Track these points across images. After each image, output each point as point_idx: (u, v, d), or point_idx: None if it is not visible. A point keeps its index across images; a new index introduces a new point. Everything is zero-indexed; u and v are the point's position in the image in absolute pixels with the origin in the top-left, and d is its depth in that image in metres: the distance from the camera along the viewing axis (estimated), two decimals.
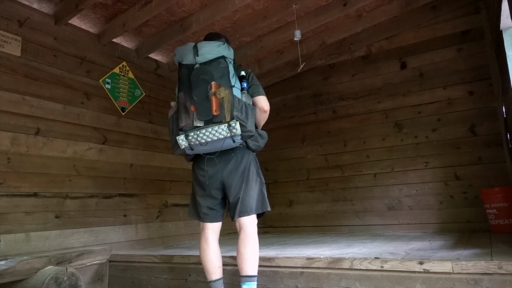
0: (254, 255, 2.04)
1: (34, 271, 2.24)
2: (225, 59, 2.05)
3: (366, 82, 4.42)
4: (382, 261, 2.06)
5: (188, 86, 2.02)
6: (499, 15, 2.68)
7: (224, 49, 2.07)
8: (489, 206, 3.33)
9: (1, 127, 2.73)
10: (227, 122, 1.93)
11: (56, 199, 2.99)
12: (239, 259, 2.05)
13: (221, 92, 1.95)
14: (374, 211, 4.19)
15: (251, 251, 2.04)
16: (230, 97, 1.95)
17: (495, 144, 3.65)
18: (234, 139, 1.96)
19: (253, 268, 2.02)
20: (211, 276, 2.11)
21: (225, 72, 2.00)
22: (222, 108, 1.94)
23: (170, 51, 4.06)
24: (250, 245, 2.04)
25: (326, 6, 3.63)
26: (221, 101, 1.94)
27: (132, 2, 3.19)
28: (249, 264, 2.01)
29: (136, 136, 3.74)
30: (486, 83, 3.75)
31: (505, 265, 1.78)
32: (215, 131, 1.93)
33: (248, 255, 2.02)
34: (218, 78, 1.98)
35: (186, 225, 4.13)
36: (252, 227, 2.09)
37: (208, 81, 1.97)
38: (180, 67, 2.10)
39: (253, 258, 2.03)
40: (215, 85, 1.96)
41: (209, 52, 2.04)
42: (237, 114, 1.95)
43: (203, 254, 2.13)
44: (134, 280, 2.91)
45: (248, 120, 1.98)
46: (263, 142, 2.17)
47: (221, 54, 2.05)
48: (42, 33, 3.07)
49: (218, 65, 2.02)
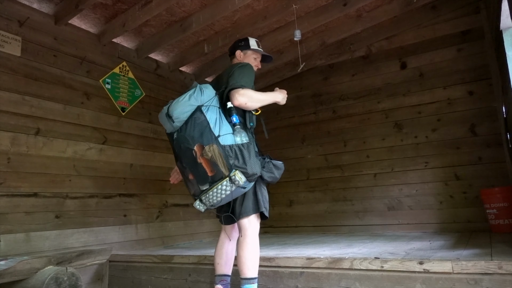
0: (250, 257, 2.01)
1: (34, 271, 2.24)
2: (201, 110, 1.93)
3: (366, 82, 4.42)
4: (382, 261, 2.06)
5: (178, 156, 1.99)
6: (499, 15, 2.67)
7: (196, 97, 1.95)
8: (489, 206, 3.33)
9: (1, 127, 2.73)
10: (228, 176, 1.85)
11: (56, 199, 2.99)
12: (237, 262, 2.05)
13: (207, 152, 1.85)
14: (374, 211, 4.19)
15: (247, 253, 2.01)
16: (218, 150, 1.85)
17: (495, 144, 3.64)
18: (243, 187, 1.90)
19: (251, 270, 2.00)
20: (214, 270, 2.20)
21: (203, 126, 1.89)
22: (216, 165, 1.84)
23: (170, 51, 4.06)
24: (247, 248, 2.01)
25: (326, 6, 3.63)
26: (212, 160, 1.84)
27: (132, 2, 3.19)
28: (246, 267, 1.99)
29: (136, 136, 3.74)
30: (486, 83, 3.75)
31: (505, 265, 1.78)
32: (220, 189, 1.86)
33: (245, 257, 2.00)
34: (198, 138, 1.87)
35: (186, 225, 4.13)
36: (249, 228, 2.04)
37: (190, 148, 1.88)
38: (167, 136, 2.06)
39: (250, 260, 2.00)
40: (198, 148, 1.87)
41: (182, 113, 1.93)
42: (234, 163, 1.85)
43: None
44: (134, 280, 2.91)
45: (247, 163, 1.87)
46: (279, 173, 2.07)
47: (194, 107, 1.94)
48: (42, 33, 3.07)
49: (194, 122, 1.91)
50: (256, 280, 2.01)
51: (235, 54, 2.41)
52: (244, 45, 2.41)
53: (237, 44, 2.43)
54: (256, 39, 2.48)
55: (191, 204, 4.24)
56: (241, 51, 2.40)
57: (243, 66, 2.20)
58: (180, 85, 4.34)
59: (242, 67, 2.17)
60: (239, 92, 2.01)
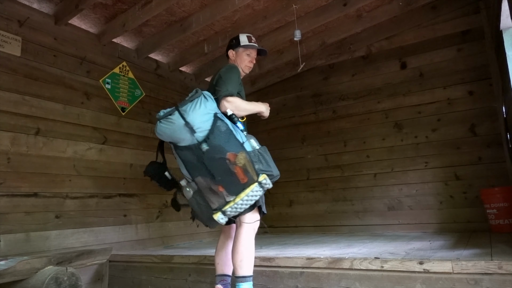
0: (242, 255, 1.99)
1: (34, 271, 2.24)
2: (220, 118, 1.90)
3: (366, 82, 4.42)
4: (382, 261, 2.06)
5: (203, 169, 1.88)
6: (499, 15, 2.67)
7: (211, 104, 1.91)
8: (489, 206, 3.33)
9: (1, 127, 2.73)
10: (257, 181, 1.85)
11: (56, 199, 2.99)
12: (232, 260, 2.04)
13: (240, 160, 1.82)
14: (374, 211, 4.19)
15: (239, 251, 1.99)
16: (246, 156, 1.83)
17: (495, 144, 3.64)
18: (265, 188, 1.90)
19: (244, 268, 1.98)
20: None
21: (228, 134, 1.87)
22: (247, 172, 1.84)
23: (170, 51, 4.06)
24: (238, 246, 2.00)
25: (326, 6, 3.63)
26: (244, 167, 1.83)
27: (132, 2, 3.19)
28: (237, 265, 1.98)
29: (136, 136, 3.74)
30: (486, 83, 3.75)
31: (505, 265, 1.78)
32: (250, 195, 1.86)
33: (237, 255, 1.99)
34: (228, 147, 1.84)
35: (186, 225, 4.13)
36: (243, 227, 2.02)
37: (224, 158, 1.82)
38: (176, 149, 1.97)
39: (242, 258, 1.98)
40: (231, 156, 1.83)
41: (203, 122, 1.86)
42: (260, 167, 1.85)
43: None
44: (134, 280, 2.91)
45: (271, 166, 1.88)
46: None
47: (211, 114, 1.89)
48: (42, 33, 3.07)
49: (219, 131, 1.86)
50: (250, 279, 2.00)
51: (228, 54, 2.42)
52: (235, 43, 2.39)
53: (229, 44, 2.42)
54: (248, 34, 2.44)
55: None
56: (232, 50, 2.39)
57: (227, 70, 2.19)
58: (180, 85, 4.34)
59: (226, 72, 2.16)
60: (227, 99, 2.02)
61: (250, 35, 2.46)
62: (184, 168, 2.00)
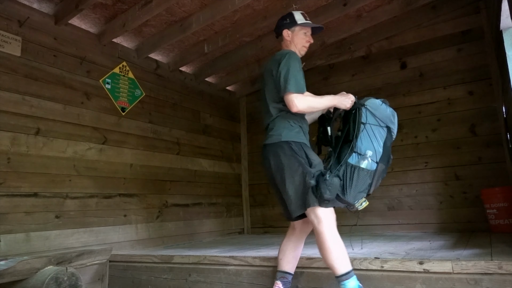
0: (327, 255, 1.88)
1: (34, 271, 2.23)
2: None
3: (366, 82, 4.42)
4: (382, 261, 2.06)
5: (388, 157, 2.03)
6: (499, 15, 2.67)
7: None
8: (489, 206, 3.33)
9: (1, 127, 2.73)
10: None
11: (56, 199, 2.99)
12: (324, 262, 1.94)
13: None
14: (374, 211, 4.19)
15: (329, 249, 1.88)
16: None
17: (495, 144, 3.64)
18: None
19: (343, 265, 1.85)
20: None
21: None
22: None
23: (170, 51, 4.06)
24: (326, 244, 1.88)
25: (326, 6, 3.63)
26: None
27: (132, 2, 3.19)
28: (335, 264, 1.86)
29: (136, 136, 3.74)
30: (486, 83, 3.75)
31: (505, 265, 1.78)
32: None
33: (330, 254, 1.88)
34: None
35: (186, 225, 4.13)
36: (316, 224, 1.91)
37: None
38: (389, 131, 2.04)
39: (337, 256, 1.87)
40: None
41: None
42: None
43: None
44: (134, 280, 2.91)
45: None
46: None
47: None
48: (42, 33, 3.07)
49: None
50: (349, 275, 1.85)
51: (282, 35, 2.20)
52: (290, 22, 2.19)
53: (282, 23, 2.21)
54: (301, 12, 2.25)
55: (191, 204, 4.25)
56: (288, 29, 2.19)
57: (289, 58, 2.04)
58: (180, 85, 4.34)
59: (289, 60, 2.03)
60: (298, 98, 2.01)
61: (304, 12, 2.26)
62: (381, 146, 1.99)
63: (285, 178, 1.97)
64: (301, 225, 2.16)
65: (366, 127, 1.99)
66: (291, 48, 2.21)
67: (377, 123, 2.02)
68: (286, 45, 2.24)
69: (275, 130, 2.06)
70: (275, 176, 2.03)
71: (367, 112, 2.03)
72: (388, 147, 2.02)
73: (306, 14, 2.25)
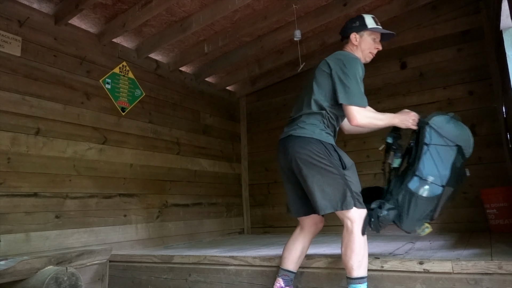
0: (350, 255, 1.83)
1: (34, 271, 2.23)
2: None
3: (366, 82, 4.31)
4: (382, 261, 2.07)
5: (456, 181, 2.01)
6: (499, 15, 2.67)
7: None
8: (489, 206, 3.33)
9: (1, 127, 2.73)
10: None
11: (56, 199, 2.99)
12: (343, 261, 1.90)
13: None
14: None
15: (345, 251, 1.86)
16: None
17: (495, 144, 3.64)
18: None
19: (356, 270, 1.82)
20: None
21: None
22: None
23: (170, 51, 4.06)
24: (353, 244, 1.84)
25: (326, 6, 3.62)
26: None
27: (132, 2, 3.19)
28: (355, 265, 1.82)
29: (136, 136, 3.74)
30: (486, 83, 3.75)
31: (505, 265, 1.78)
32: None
33: (348, 255, 1.84)
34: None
35: (186, 225, 4.13)
36: (349, 224, 1.86)
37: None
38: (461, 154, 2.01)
39: (349, 259, 1.83)
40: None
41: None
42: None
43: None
44: (134, 280, 2.91)
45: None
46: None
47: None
48: (42, 33, 3.07)
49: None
50: (361, 280, 1.81)
51: (349, 38, 2.08)
52: (360, 25, 2.05)
53: (351, 25, 2.08)
54: (372, 15, 2.11)
55: (191, 204, 4.25)
56: (356, 33, 2.06)
57: (353, 64, 1.93)
58: (180, 85, 4.34)
59: (353, 69, 1.92)
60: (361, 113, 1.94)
61: (374, 16, 2.11)
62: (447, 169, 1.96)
63: (314, 174, 1.88)
64: (309, 226, 2.15)
65: (430, 148, 1.91)
66: (356, 53, 2.09)
67: (443, 143, 1.92)
68: (350, 49, 2.11)
69: (307, 125, 1.98)
70: (301, 169, 1.91)
71: (432, 131, 1.93)
72: (458, 168, 1.92)
73: (377, 19, 2.12)
